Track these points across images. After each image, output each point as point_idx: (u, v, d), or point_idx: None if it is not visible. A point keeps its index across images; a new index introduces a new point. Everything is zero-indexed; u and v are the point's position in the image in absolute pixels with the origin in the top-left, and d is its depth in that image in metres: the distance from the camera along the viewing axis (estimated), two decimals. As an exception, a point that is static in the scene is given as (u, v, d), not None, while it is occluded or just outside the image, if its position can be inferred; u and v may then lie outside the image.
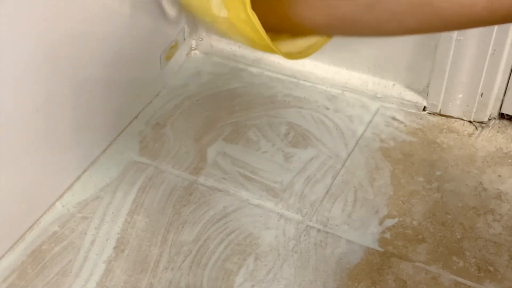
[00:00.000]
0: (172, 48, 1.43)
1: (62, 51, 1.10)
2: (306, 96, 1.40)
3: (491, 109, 1.30)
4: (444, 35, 1.23)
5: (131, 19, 1.26)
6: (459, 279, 1.06)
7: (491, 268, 1.07)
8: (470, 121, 1.32)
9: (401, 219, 1.15)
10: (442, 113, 1.34)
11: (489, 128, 1.31)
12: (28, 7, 0.99)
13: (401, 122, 1.33)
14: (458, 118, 1.33)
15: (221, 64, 1.49)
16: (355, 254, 1.10)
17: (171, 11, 1.37)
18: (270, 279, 1.07)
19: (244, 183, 1.22)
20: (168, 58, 1.42)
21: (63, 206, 1.19)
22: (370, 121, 1.33)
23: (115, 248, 1.12)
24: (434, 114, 1.34)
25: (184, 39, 1.47)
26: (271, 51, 0.82)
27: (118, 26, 1.23)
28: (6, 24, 0.96)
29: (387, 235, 1.13)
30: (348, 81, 1.39)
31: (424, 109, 1.35)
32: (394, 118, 1.34)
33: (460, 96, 1.30)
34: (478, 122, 1.32)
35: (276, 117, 1.35)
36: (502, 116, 1.32)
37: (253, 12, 0.76)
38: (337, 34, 0.85)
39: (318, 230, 1.14)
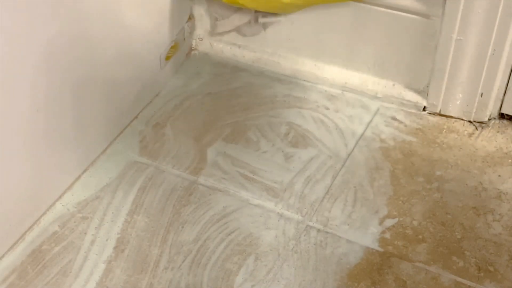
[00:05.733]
0: (172, 48, 1.43)
1: (62, 51, 1.10)
2: (306, 96, 1.40)
3: (491, 109, 1.30)
4: (444, 35, 1.23)
5: (131, 19, 1.26)
6: (459, 279, 1.06)
7: (491, 268, 1.07)
8: (470, 121, 1.32)
9: (401, 219, 1.15)
10: (442, 113, 1.33)
11: (489, 128, 1.31)
12: (28, 7, 1.00)
13: (401, 122, 1.33)
14: (458, 118, 1.33)
15: (221, 64, 1.49)
16: (355, 254, 1.10)
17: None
18: (270, 279, 1.07)
19: (244, 183, 1.22)
20: (168, 58, 1.42)
21: (63, 206, 1.19)
22: (370, 121, 1.33)
23: (115, 248, 1.12)
24: (434, 114, 1.34)
25: (184, 39, 1.47)
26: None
27: (118, 26, 1.23)
28: (6, 24, 0.96)
29: (387, 235, 1.13)
30: (348, 81, 1.39)
31: (424, 109, 1.35)
32: (394, 118, 1.34)
33: (460, 96, 1.30)
34: (478, 122, 1.32)
35: (276, 117, 1.35)
36: (502, 116, 1.31)
37: None
38: None
39: (318, 230, 1.14)
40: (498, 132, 1.30)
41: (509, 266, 1.07)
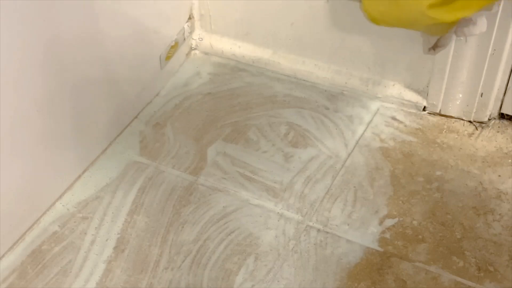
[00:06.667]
0: (172, 48, 1.43)
1: (62, 51, 1.10)
2: (306, 96, 1.40)
3: (491, 109, 1.30)
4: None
5: (131, 19, 1.26)
6: (459, 279, 1.06)
7: (491, 268, 1.07)
8: (470, 121, 1.32)
9: (401, 219, 1.15)
10: (442, 113, 1.34)
11: (489, 128, 1.31)
12: (28, 7, 0.99)
13: (401, 122, 1.33)
14: (458, 118, 1.33)
15: (221, 64, 1.49)
16: (355, 254, 1.10)
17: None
18: (270, 279, 1.07)
19: (244, 183, 1.22)
20: (168, 58, 1.42)
21: (63, 206, 1.19)
22: (370, 121, 1.33)
23: (115, 248, 1.12)
24: (434, 114, 1.34)
25: (184, 39, 1.47)
26: None
27: (118, 26, 1.23)
28: (7, 24, 0.96)
29: (387, 235, 1.13)
30: (348, 81, 1.39)
31: (424, 109, 1.35)
32: (394, 118, 1.34)
33: (460, 96, 1.30)
34: (478, 122, 1.32)
35: (276, 117, 1.35)
36: (502, 116, 1.32)
37: None
38: None
39: (318, 230, 1.14)
40: (498, 132, 1.30)
41: (509, 266, 1.07)
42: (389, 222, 1.15)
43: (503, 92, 1.28)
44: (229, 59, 1.49)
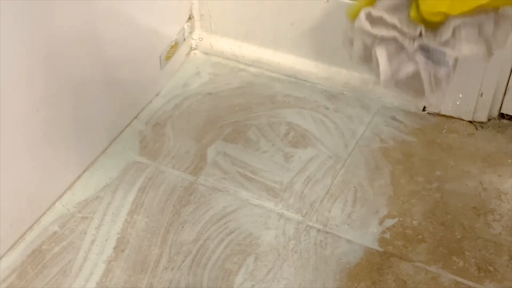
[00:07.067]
0: (172, 48, 1.43)
1: (62, 51, 1.10)
2: (306, 96, 1.40)
3: (491, 109, 1.30)
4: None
5: (131, 19, 1.26)
6: (459, 279, 1.06)
7: (491, 268, 1.07)
8: (470, 121, 1.32)
9: (401, 219, 1.15)
10: (442, 113, 1.33)
11: (489, 128, 1.31)
12: (28, 7, 0.99)
13: (401, 122, 1.33)
14: (458, 118, 1.33)
15: (221, 64, 1.49)
16: (355, 254, 1.10)
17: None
18: (270, 279, 1.07)
19: (244, 183, 1.22)
20: (168, 58, 1.42)
21: (63, 206, 1.19)
22: (370, 121, 1.33)
23: (115, 248, 1.12)
24: (434, 114, 1.34)
25: (184, 39, 1.47)
26: None
27: (118, 26, 1.23)
28: (7, 24, 0.96)
29: (387, 235, 1.13)
30: (348, 81, 1.39)
31: (424, 109, 1.35)
32: (394, 118, 1.34)
33: (460, 96, 1.30)
34: (478, 122, 1.32)
35: (276, 117, 1.35)
36: (502, 116, 1.32)
37: None
38: None
39: (318, 230, 1.14)
40: (498, 132, 1.30)
41: (509, 266, 1.07)
42: (389, 222, 1.15)
43: (503, 92, 1.28)
44: (229, 59, 1.49)
